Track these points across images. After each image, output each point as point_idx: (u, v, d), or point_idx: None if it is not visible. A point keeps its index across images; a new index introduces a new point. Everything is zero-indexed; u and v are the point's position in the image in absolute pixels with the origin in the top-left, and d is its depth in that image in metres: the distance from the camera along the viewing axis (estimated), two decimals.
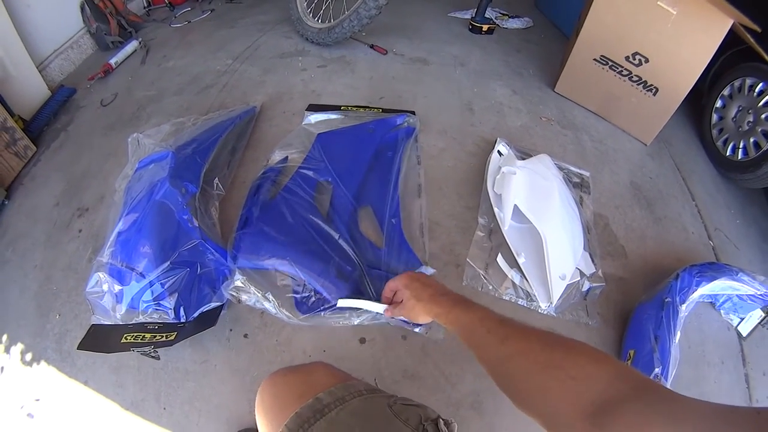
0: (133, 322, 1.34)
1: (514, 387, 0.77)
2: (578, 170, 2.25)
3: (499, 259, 1.72)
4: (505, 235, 1.75)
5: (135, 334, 1.30)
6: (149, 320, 1.35)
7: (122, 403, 1.32)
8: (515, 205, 1.71)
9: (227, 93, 2.26)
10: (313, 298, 1.43)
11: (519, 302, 1.64)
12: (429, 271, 1.62)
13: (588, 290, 1.77)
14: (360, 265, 1.51)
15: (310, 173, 1.75)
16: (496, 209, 1.83)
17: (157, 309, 1.36)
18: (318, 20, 2.72)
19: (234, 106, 2.13)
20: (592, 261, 1.85)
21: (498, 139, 2.16)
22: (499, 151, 2.02)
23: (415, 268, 1.56)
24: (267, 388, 0.92)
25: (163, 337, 1.30)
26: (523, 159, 1.97)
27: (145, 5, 3.13)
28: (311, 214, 1.61)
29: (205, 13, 3.10)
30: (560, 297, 1.66)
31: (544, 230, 1.64)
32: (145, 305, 1.35)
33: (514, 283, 1.69)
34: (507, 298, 1.66)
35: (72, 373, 1.37)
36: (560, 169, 2.13)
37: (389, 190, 1.77)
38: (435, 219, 1.79)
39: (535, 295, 1.67)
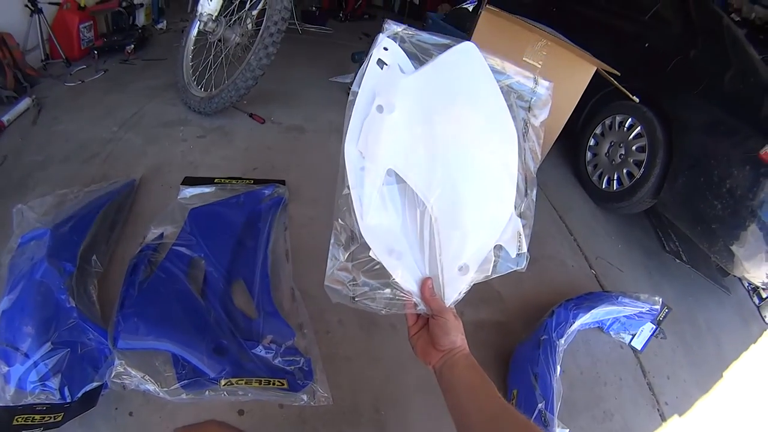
0: (23, 403, 1.34)
1: None
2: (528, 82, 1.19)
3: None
4: (362, 230, 0.93)
5: (26, 416, 1.30)
6: (38, 401, 1.35)
7: None
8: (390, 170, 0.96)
9: (111, 163, 2.28)
10: (193, 375, 1.47)
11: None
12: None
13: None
14: (236, 338, 1.59)
15: (183, 250, 1.81)
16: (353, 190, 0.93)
17: (44, 389, 1.36)
18: (201, 89, 2.79)
19: (116, 177, 2.15)
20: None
21: (385, 21, 1.02)
22: (380, 59, 0.97)
23: (287, 336, 1.65)
24: None
25: (51, 418, 1.31)
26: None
27: (43, 58, 3.09)
28: (185, 291, 1.67)
29: (99, 73, 3.10)
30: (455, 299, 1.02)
31: (435, 201, 0.95)
32: (33, 386, 1.36)
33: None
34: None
35: None
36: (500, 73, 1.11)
37: (258, 261, 1.86)
38: (304, 288, 1.87)
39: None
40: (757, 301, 3.34)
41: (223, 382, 1.47)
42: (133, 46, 3.38)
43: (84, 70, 3.13)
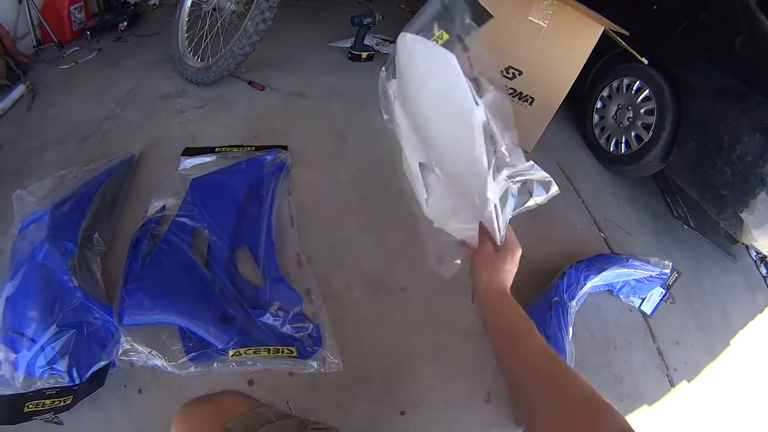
0: (32, 389, 1.31)
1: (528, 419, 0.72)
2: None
3: None
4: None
5: (36, 402, 1.28)
6: (47, 386, 1.32)
7: None
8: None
9: (108, 141, 2.23)
10: (200, 347, 1.44)
11: None
12: None
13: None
14: (242, 307, 1.55)
15: (186, 221, 1.77)
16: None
17: (52, 373, 1.34)
18: (198, 59, 2.71)
19: (114, 154, 2.09)
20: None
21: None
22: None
23: (294, 302, 1.61)
24: (180, 420, 0.90)
25: (61, 401, 1.29)
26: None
27: (35, 44, 3.01)
28: (189, 262, 1.63)
29: (92, 53, 3.02)
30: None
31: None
32: (41, 370, 1.33)
33: None
34: None
35: None
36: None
37: (263, 227, 1.81)
38: (310, 253, 1.83)
39: None
40: (764, 272, 3.32)
41: (231, 352, 1.43)
42: (125, 23, 3.28)
43: (77, 51, 3.06)
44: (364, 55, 3.36)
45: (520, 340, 0.84)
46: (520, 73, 2.72)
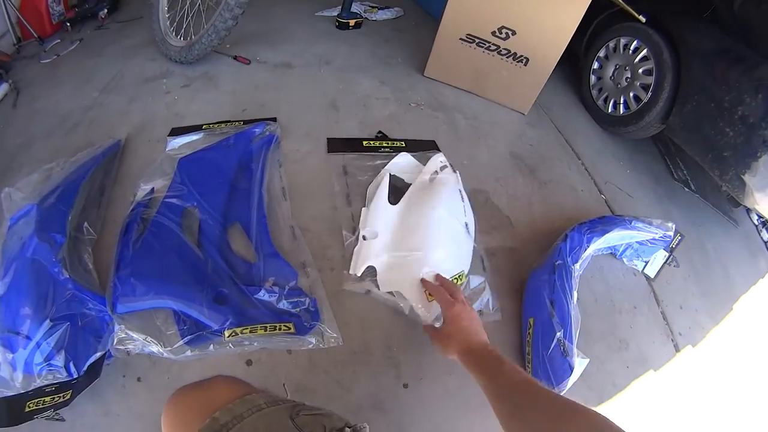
0: (32, 387, 1.28)
1: None
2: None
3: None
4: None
5: (37, 400, 1.25)
6: (46, 382, 1.29)
7: None
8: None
9: (94, 129, 2.17)
10: (195, 329, 1.40)
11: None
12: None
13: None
14: (236, 285, 1.49)
15: (175, 201, 1.70)
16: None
17: (50, 369, 1.31)
18: (180, 38, 2.64)
19: (101, 142, 2.03)
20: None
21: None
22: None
23: (289, 276, 1.55)
24: (170, 408, 0.90)
25: (60, 397, 1.25)
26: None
27: (15, 42, 2.95)
28: (180, 243, 1.57)
29: (74, 43, 2.95)
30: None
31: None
32: (39, 367, 1.30)
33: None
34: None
35: None
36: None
37: (254, 202, 1.75)
38: (303, 224, 1.77)
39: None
40: (766, 237, 3.28)
41: (227, 333, 1.38)
42: (106, 10, 3.19)
43: (59, 44, 2.99)
44: (352, 22, 3.26)
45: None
46: (514, 32, 2.61)
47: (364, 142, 2.19)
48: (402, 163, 2.06)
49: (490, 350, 1.18)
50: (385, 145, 2.20)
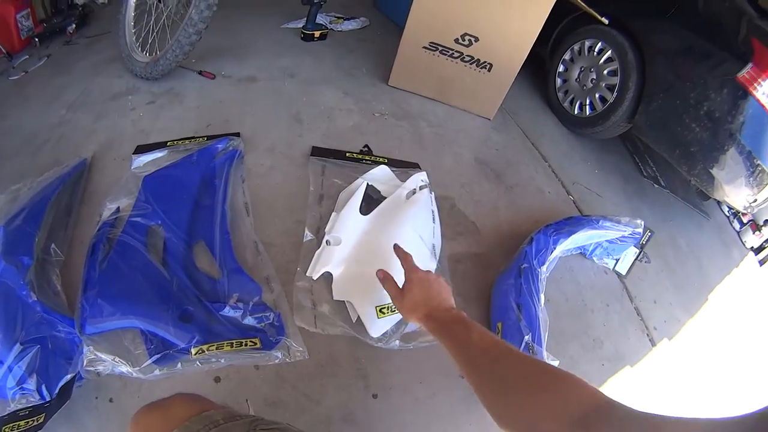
0: (7, 412, 1.27)
1: (499, 405, 0.79)
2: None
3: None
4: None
5: (12, 425, 1.24)
6: (20, 406, 1.28)
7: None
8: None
9: (62, 148, 2.16)
10: (162, 348, 1.40)
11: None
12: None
13: None
14: (201, 302, 1.50)
15: (139, 220, 1.70)
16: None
17: (23, 393, 1.30)
18: (146, 54, 2.63)
19: (68, 161, 2.02)
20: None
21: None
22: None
23: (253, 292, 1.57)
24: (132, 428, 0.90)
25: (34, 421, 1.25)
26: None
27: None
28: (145, 262, 1.58)
29: (42, 59, 2.91)
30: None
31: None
32: (12, 392, 1.29)
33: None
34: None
35: None
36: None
37: (217, 218, 1.76)
38: (268, 239, 1.78)
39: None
40: (738, 227, 3.37)
41: (194, 350, 1.39)
42: (74, 25, 3.16)
43: (27, 60, 2.95)
44: (317, 34, 3.27)
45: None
46: (477, 39, 2.66)
47: (347, 154, 2.22)
48: (380, 174, 2.10)
49: (455, 314, 1.13)
50: (368, 158, 2.23)
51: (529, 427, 0.71)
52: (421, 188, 2.04)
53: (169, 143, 2.11)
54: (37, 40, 3.06)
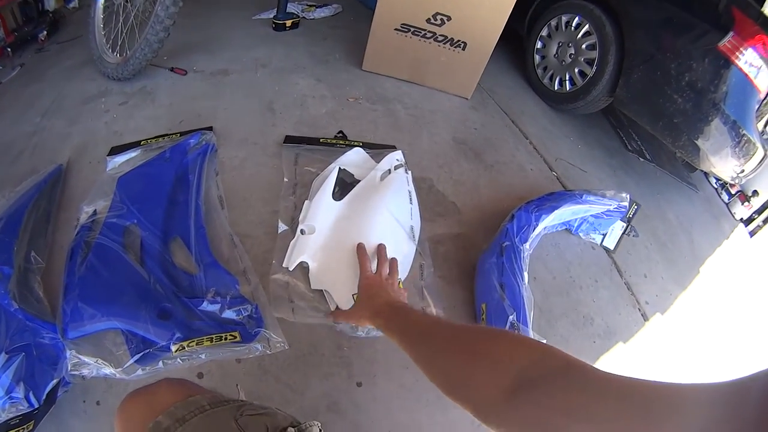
0: None
1: (443, 379, 0.76)
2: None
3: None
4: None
5: None
6: (10, 416, 1.28)
7: None
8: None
9: (38, 156, 2.13)
10: (143, 347, 1.39)
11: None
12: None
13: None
14: (179, 298, 1.49)
15: (116, 221, 1.68)
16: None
17: (12, 402, 1.29)
18: (116, 54, 2.59)
19: (44, 168, 1.99)
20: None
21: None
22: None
23: (230, 285, 1.55)
24: (118, 414, 0.89)
25: (24, 429, 1.25)
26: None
27: None
28: (123, 263, 1.56)
29: (15, 69, 2.88)
30: None
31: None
32: (1, 401, 1.28)
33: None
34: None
35: None
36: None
37: (191, 213, 1.74)
38: (244, 231, 1.76)
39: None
40: (726, 198, 3.36)
41: (174, 347, 1.38)
42: (45, 32, 3.14)
43: (1, 71, 2.92)
44: (289, 23, 3.22)
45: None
46: (449, 18, 2.61)
47: (321, 140, 2.19)
48: (355, 158, 2.05)
49: (396, 306, 1.15)
50: (342, 143, 2.20)
51: (469, 395, 0.69)
52: (396, 168, 1.99)
53: (142, 142, 2.09)
54: (9, 49, 3.02)
